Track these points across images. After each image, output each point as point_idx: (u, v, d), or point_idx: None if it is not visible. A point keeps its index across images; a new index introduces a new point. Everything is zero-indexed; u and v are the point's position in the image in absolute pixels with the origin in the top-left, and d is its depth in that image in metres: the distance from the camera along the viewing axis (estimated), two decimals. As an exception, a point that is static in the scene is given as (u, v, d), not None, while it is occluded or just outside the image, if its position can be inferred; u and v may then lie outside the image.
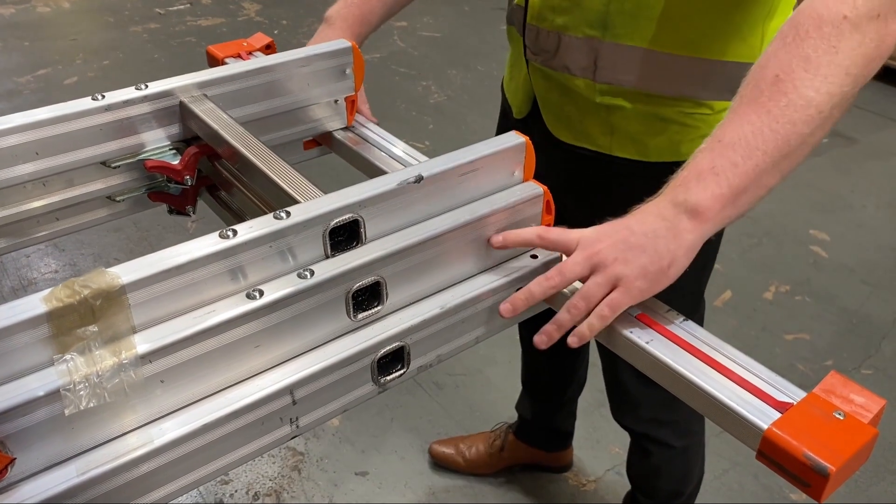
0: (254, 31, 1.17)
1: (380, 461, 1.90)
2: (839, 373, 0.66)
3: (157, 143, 0.91)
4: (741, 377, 0.67)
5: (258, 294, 0.63)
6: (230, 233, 0.63)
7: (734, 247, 2.67)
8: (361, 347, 0.67)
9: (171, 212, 0.96)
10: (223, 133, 0.85)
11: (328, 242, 0.68)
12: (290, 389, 0.64)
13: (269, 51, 1.13)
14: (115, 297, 0.57)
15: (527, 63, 1.12)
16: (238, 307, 0.62)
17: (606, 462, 1.92)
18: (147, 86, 0.88)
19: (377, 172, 0.96)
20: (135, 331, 0.59)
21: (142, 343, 0.58)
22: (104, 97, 0.85)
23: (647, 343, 0.71)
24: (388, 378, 0.70)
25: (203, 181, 0.95)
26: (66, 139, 0.84)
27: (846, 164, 3.24)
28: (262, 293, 0.63)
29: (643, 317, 0.73)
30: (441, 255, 0.73)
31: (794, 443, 0.59)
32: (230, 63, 1.07)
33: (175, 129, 0.92)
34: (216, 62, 1.10)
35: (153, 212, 0.97)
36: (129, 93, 0.87)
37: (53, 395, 0.54)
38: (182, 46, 4.17)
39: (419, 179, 0.72)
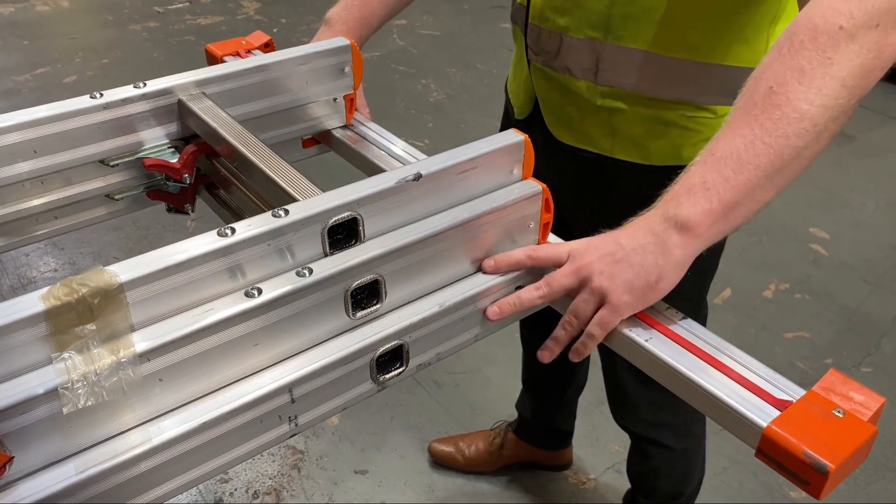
0: (253, 30, 1.17)
1: (379, 459, 1.90)
2: (839, 371, 0.66)
3: (156, 142, 0.91)
4: (740, 375, 0.67)
5: (257, 292, 0.63)
6: (229, 231, 0.63)
7: (734, 245, 2.66)
8: (360, 346, 0.67)
9: (170, 210, 0.96)
10: (222, 131, 0.85)
11: (327, 240, 0.67)
12: (289, 388, 0.64)
13: (268, 49, 1.12)
14: (114, 296, 0.57)
15: (528, 63, 1.11)
16: (236, 305, 0.61)
17: (606, 460, 1.92)
18: (145, 84, 0.88)
19: (376, 171, 0.96)
20: (133, 329, 0.59)
21: (140, 341, 0.58)
22: (102, 95, 0.85)
23: (647, 341, 0.71)
24: (388, 376, 0.70)
25: (202, 179, 0.95)
26: (65, 137, 0.83)
27: (846, 162, 3.24)
28: (261, 291, 0.63)
29: (642, 315, 0.73)
30: (440, 253, 0.73)
31: (794, 440, 0.59)
32: (229, 61, 1.06)
33: (173, 128, 0.91)
34: (215, 60, 1.10)
35: (152, 210, 0.97)
36: (128, 91, 0.86)
37: (52, 394, 0.54)
38: (181, 45, 4.17)
39: (418, 177, 0.72)
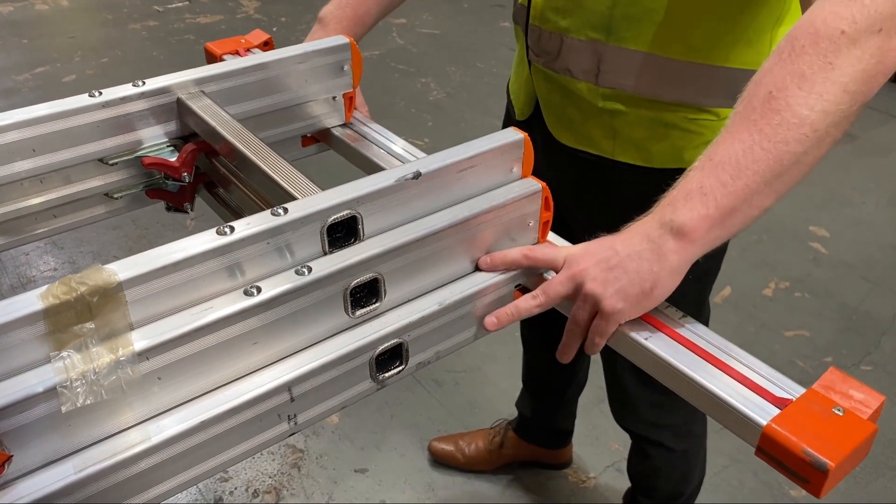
0: (252, 29, 1.17)
1: (379, 458, 1.90)
2: (838, 369, 0.66)
3: (155, 140, 0.91)
4: (740, 373, 0.67)
5: (256, 291, 0.63)
6: (227, 229, 0.63)
7: (734, 243, 2.63)
8: (360, 344, 0.67)
9: (169, 209, 0.96)
10: (221, 130, 0.85)
11: (326, 239, 0.67)
12: (288, 386, 0.64)
13: (267, 47, 1.12)
14: (112, 294, 0.57)
15: (529, 64, 1.11)
16: (236, 304, 0.61)
17: (606, 459, 1.92)
18: (144, 82, 0.88)
19: (375, 169, 0.96)
20: (132, 328, 0.59)
21: (139, 340, 0.57)
22: (101, 94, 0.85)
23: (646, 340, 0.70)
24: (387, 375, 0.70)
25: (201, 178, 0.95)
26: (64, 136, 0.83)
27: (846, 161, 3.23)
28: (260, 290, 0.63)
29: (642, 314, 0.73)
30: (439, 252, 0.73)
31: (794, 439, 0.59)
32: (228, 60, 1.06)
33: (172, 126, 0.91)
34: (214, 59, 1.09)
35: (152, 209, 0.97)
36: (127, 89, 0.86)
37: (50, 392, 0.54)
38: (181, 44, 4.16)
39: (417, 176, 0.71)
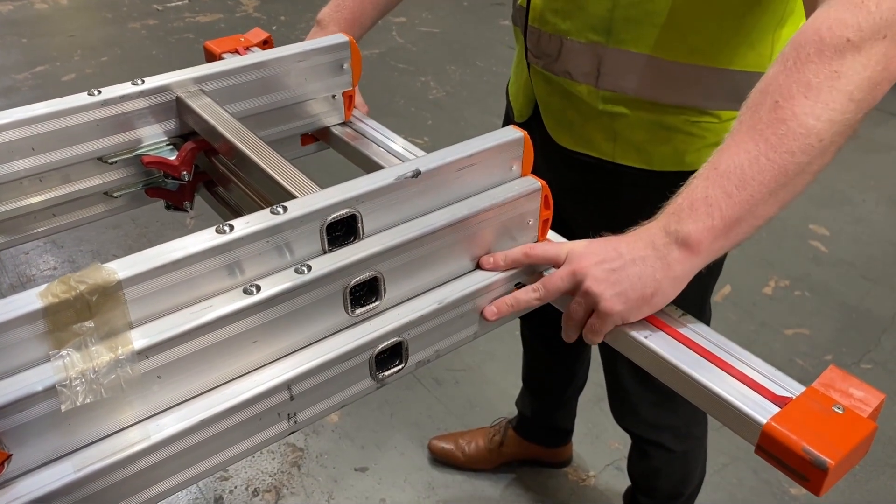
0: (252, 27, 1.17)
1: (379, 457, 1.91)
2: (838, 367, 0.65)
3: (154, 139, 0.90)
4: (740, 372, 0.67)
5: (255, 289, 0.62)
6: (227, 228, 0.63)
7: (733, 242, 2.66)
8: (359, 343, 0.67)
9: (169, 207, 0.96)
10: (220, 128, 0.85)
11: (325, 237, 0.67)
12: (288, 385, 0.64)
13: (266, 46, 1.12)
14: (112, 293, 0.57)
15: (528, 66, 1.10)
16: (235, 302, 0.61)
17: (606, 457, 1.92)
18: (143, 81, 0.88)
19: (375, 168, 0.96)
20: (131, 326, 0.59)
21: (138, 339, 0.57)
22: (100, 92, 0.85)
23: (646, 338, 0.70)
24: (387, 373, 0.70)
25: (200, 177, 0.95)
26: (63, 135, 0.83)
27: (846, 159, 3.23)
28: (260, 288, 0.63)
29: (641, 312, 0.73)
30: (439, 250, 0.73)
31: (793, 437, 0.59)
32: (227, 58, 1.06)
33: (172, 125, 0.91)
34: (213, 57, 1.09)
35: (152, 208, 0.97)
36: (126, 88, 0.86)
37: (50, 391, 0.54)
38: (180, 43, 4.16)
39: (417, 174, 0.71)
